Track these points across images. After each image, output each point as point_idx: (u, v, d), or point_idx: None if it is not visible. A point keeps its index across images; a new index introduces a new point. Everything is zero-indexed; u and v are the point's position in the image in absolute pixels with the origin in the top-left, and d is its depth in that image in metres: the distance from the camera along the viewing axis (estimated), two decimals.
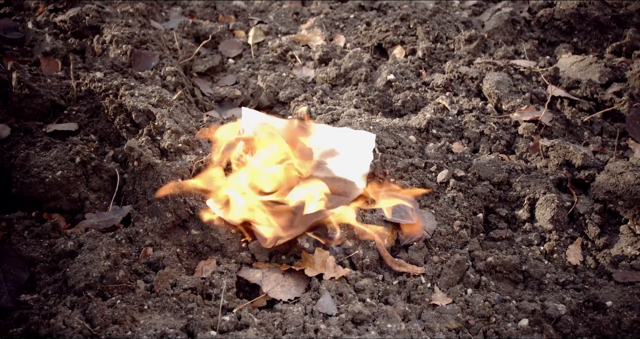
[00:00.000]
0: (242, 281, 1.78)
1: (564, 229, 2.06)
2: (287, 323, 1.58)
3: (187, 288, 1.69)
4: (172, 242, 1.89)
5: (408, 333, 1.59)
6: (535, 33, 3.33)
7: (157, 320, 1.58)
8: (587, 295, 1.79)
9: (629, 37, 3.08)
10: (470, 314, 1.71)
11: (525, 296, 1.81)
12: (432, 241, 1.96)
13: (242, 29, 3.47)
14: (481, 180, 2.19)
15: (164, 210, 1.90)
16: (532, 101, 2.66)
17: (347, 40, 3.25)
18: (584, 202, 2.13)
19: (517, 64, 2.91)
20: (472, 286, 1.83)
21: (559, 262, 1.95)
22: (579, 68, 2.89)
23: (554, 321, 1.70)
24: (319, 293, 1.71)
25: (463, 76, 2.81)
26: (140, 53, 2.80)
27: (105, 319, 1.52)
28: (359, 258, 1.85)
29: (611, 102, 2.66)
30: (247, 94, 2.86)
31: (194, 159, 2.11)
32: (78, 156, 2.03)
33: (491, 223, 2.11)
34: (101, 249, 1.68)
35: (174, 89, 2.64)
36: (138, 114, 2.25)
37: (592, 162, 2.26)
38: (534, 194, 2.13)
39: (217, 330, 1.55)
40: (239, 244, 1.88)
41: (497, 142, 2.43)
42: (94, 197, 2.03)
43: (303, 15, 3.63)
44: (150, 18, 3.32)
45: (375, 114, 2.61)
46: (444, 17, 3.34)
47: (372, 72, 2.90)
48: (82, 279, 1.62)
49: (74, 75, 2.51)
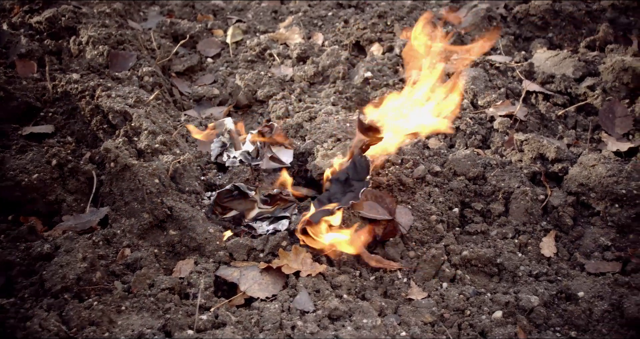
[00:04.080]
0: (220, 280, 1.79)
1: (538, 221, 2.09)
2: (264, 321, 1.60)
3: (165, 288, 1.70)
4: (150, 242, 1.90)
5: (384, 328, 1.61)
6: (511, 29, 3.36)
7: (135, 321, 1.59)
8: (560, 286, 1.83)
9: (602, 32, 3.13)
10: (445, 307, 1.74)
11: (500, 289, 1.84)
12: (408, 236, 1.98)
13: (221, 28, 3.47)
14: (457, 175, 2.22)
15: (141, 211, 1.91)
16: (508, 95, 2.69)
17: (325, 38, 3.27)
18: (557, 195, 2.16)
19: (492, 59, 2.94)
20: (448, 280, 1.86)
21: (533, 254, 1.99)
22: (554, 63, 2.92)
23: (527, 312, 1.73)
24: (296, 290, 1.73)
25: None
26: (118, 54, 2.79)
27: (82, 321, 1.53)
28: (336, 254, 1.87)
29: (585, 96, 2.70)
30: (226, 93, 2.86)
31: (171, 159, 2.12)
32: (54, 158, 2.03)
33: (467, 217, 2.14)
34: (77, 251, 1.69)
35: (152, 89, 2.63)
36: (115, 115, 2.25)
37: (566, 156, 2.29)
38: (508, 188, 2.16)
39: (194, 329, 1.56)
40: (217, 243, 1.89)
41: (472, 137, 2.46)
42: (71, 200, 2.03)
43: (282, 14, 3.64)
44: (128, 18, 3.31)
45: (353, 111, 2.63)
46: (421, 14, 3.36)
47: (349, 70, 2.91)
48: (58, 281, 1.62)
49: (50, 77, 2.50)
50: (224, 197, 2.05)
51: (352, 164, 1.96)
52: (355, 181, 1.90)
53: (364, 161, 1.94)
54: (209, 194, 2.12)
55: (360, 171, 1.94)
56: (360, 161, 1.95)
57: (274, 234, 1.92)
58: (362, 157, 1.96)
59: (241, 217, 2.04)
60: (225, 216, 2.05)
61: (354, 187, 1.87)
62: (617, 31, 3.26)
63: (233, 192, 2.05)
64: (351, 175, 1.94)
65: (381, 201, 2.03)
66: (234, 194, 2.05)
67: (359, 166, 1.95)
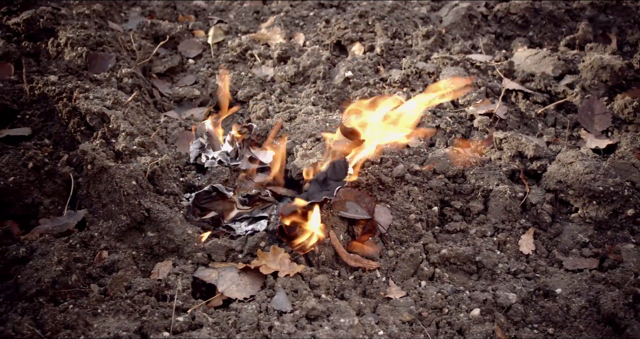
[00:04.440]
0: (198, 281, 1.78)
1: (517, 219, 2.10)
2: (241, 322, 1.59)
3: (142, 290, 1.68)
4: (128, 245, 1.89)
5: (362, 327, 1.61)
6: (492, 28, 3.38)
7: (111, 323, 1.58)
8: (538, 283, 1.84)
9: (582, 31, 3.15)
10: (424, 306, 1.74)
11: (478, 287, 1.85)
12: (387, 235, 1.99)
13: (202, 28, 3.45)
14: (436, 174, 2.23)
15: (118, 213, 1.90)
16: (488, 94, 2.71)
17: (306, 38, 3.27)
18: (536, 192, 2.17)
19: (473, 58, 2.95)
20: (426, 278, 1.86)
21: (512, 252, 2.00)
22: (534, 61, 2.94)
23: (505, 309, 1.74)
24: (274, 291, 1.73)
25: (420, 71, 2.84)
26: (96, 55, 2.77)
27: (57, 325, 1.51)
28: (314, 254, 1.87)
29: (564, 94, 2.72)
30: (206, 93, 2.85)
31: (149, 160, 2.10)
32: (31, 161, 2.01)
33: (446, 216, 2.14)
34: (53, 255, 1.67)
35: (131, 90, 2.62)
36: (92, 117, 2.24)
37: (544, 153, 2.31)
38: (487, 186, 2.16)
39: (170, 331, 1.55)
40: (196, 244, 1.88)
41: (452, 136, 2.46)
42: (48, 202, 2.01)
43: (263, 14, 3.63)
44: (108, 19, 3.29)
45: (333, 111, 2.63)
46: (402, 13, 3.37)
47: (330, 70, 2.91)
48: (33, 285, 1.61)
49: (27, 79, 2.48)
50: (203, 199, 2.04)
51: (331, 164, 1.96)
52: (332, 181, 1.90)
53: (342, 162, 1.94)
54: (188, 196, 2.11)
55: (338, 172, 1.94)
56: (339, 162, 1.95)
57: (253, 235, 1.91)
58: (341, 159, 1.96)
59: (220, 219, 2.03)
60: (205, 217, 2.04)
61: (330, 187, 1.87)
62: (597, 29, 3.29)
63: (211, 194, 2.04)
64: (329, 175, 1.94)
65: (360, 200, 2.03)
66: (212, 195, 2.04)
67: (338, 167, 1.95)
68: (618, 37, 3.24)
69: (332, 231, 1.91)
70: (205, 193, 2.05)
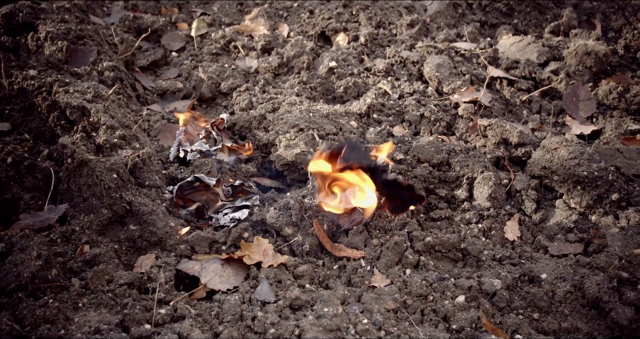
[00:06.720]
0: (181, 273, 1.77)
1: (502, 206, 2.10)
2: (224, 313, 1.58)
3: (124, 284, 1.67)
4: (110, 238, 1.87)
5: (346, 316, 1.60)
6: (477, 16, 3.37)
7: (92, 317, 1.56)
8: (523, 269, 1.83)
9: (566, 17, 3.15)
10: (408, 294, 1.73)
11: (464, 274, 1.84)
12: (372, 224, 1.97)
13: (185, 21, 3.42)
14: (421, 162, 2.22)
15: (99, 206, 1.87)
16: (472, 82, 2.70)
17: (290, 29, 3.24)
18: (520, 179, 2.17)
19: (457, 46, 2.94)
20: (411, 266, 1.85)
21: (497, 238, 1.99)
22: (518, 48, 2.93)
23: (490, 296, 1.73)
24: (258, 281, 1.71)
25: (405, 60, 2.83)
26: (77, 49, 2.73)
27: (36, 319, 1.49)
28: (298, 244, 1.86)
29: (549, 80, 2.72)
30: (190, 86, 2.83)
31: (130, 153, 2.08)
32: (10, 156, 1.98)
33: (431, 204, 2.13)
34: (32, 249, 1.65)
35: (112, 84, 2.59)
36: (72, 110, 2.21)
37: (529, 140, 2.30)
38: (472, 174, 2.16)
39: (152, 324, 1.54)
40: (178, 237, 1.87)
41: (437, 124, 2.46)
42: (28, 197, 1.98)
43: (247, 6, 3.60)
44: (90, 13, 3.25)
45: (317, 101, 2.61)
46: (386, 3, 3.35)
47: (314, 60, 2.89)
48: (12, 280, 1.58)
49: (6, 73, 2.44)
50: (186, 190, 2.03)
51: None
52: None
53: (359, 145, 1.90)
54: (170, 188, 2.09)
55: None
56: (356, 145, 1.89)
57: (236, 226, 1.89)
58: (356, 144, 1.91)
59: (204, 210, 2.02)
60: (188, 209, 2.02)
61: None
62: (581, 16, 3.29)
63: (194, 184, 2.02)
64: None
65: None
66: (196, 186, 2.02)
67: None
68: (602, 23, 3.23)
69: (316, 220, 1.90)
70: (188, 184, 2.03)
